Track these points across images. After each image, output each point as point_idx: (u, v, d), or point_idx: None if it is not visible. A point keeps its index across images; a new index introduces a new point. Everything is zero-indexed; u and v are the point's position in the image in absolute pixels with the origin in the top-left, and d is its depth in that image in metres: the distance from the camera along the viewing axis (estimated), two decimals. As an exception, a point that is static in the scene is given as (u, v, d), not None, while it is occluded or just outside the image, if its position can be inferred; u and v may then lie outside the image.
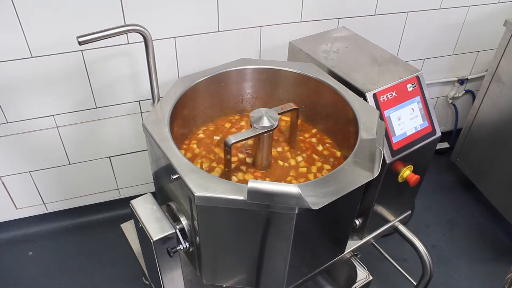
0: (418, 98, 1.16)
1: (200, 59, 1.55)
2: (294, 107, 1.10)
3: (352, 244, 1.27)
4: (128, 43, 1.43)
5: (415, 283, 1.47)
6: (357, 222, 1.26)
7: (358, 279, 1.32)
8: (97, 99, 1.53)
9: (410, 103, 1.15)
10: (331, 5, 1.60)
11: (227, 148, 0.97)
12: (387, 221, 1.33)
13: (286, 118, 1.26)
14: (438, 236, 1.95)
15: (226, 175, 1.04)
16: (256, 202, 0.83)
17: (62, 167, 1.68)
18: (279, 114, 1.05)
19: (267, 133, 1.03)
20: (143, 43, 1.00)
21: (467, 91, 2.16)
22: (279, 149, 1.18)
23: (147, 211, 0.99)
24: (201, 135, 1.21)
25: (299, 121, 1.27)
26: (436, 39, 1.89)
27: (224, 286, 1.10)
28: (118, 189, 1.85)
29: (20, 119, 1.49)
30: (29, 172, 1.65)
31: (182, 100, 1.08)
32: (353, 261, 1.34)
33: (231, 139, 0.97)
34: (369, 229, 1.28)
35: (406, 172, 1.16)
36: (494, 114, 1.84)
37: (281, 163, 1.13)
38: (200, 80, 1.13)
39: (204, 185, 0.85)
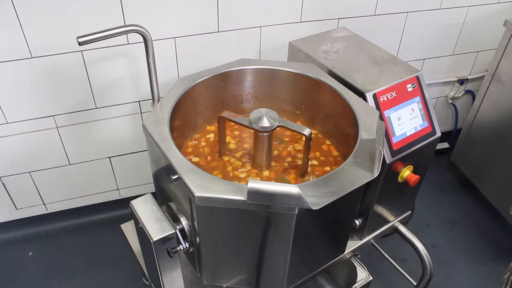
0: (418, 98, 1.16)
1: (200, 59, 1.55)
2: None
3: (352, 244, 1.27)
4: (128, 44, 1.43)
5: (415, 283, 1.47)
6: (357, 222, 1.26)
7: (358, 279, 1.32)
8: (97, 99, 1.53)
9: (410, 103, 1.15)
10: (331, 5, 1.60)
11: (311, 136, 1.00)
12: (387, 221, 1.33)
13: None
14: (438, 236, 1.95)
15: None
16: (256, 203, 0.83)
17: (62, 167, 1.68)
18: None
19: (267, 134, 1.03)
20: (143, 43, 1.00)
21: (467, 91, 2.16)
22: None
23: (147, 212, 0.99)
24: (201, 135, 1.21)
25: (298, 122, 1.28)
26: (436, 39, 1.89)
27: (224, 286, 1.10)
28: (118, 189, 1.85)
29: (20, 119, 1.49)
30: (29, 172, 1.65)
31: (182, 100, 1.08)
32: (353, 261, 1.34)
33: (308, 130, 0.99)
34: (369, 229, 1.28)
35: (406, 172, 1.16)
36: (494, 114, 1.84)
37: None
38: (200, 80, 1.13)
39: (204, 185, 0.85)
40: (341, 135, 1.17)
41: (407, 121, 1.14)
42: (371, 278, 1.32)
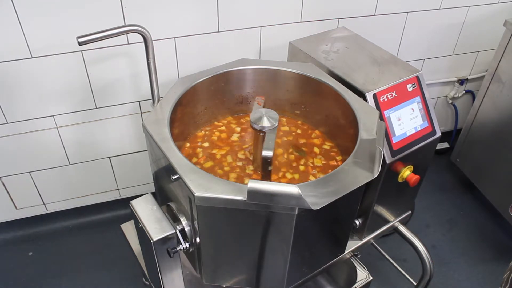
0: (418, 98, 1.16)
1: (200, 59, 1.55)
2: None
3: (352, 244, 1.27)
4: (128, 44, 1.43)
5: (415, 283, 1.47)
6: (357, 222, 1.26)
7: (358, 279, 1.32)
8: (97, 99, 1.53)
9: (410, 103, 1.15)
10: (331, 5, 1.60)
11: (269, 160, 0.95)
12: (387, 221, 1.33)
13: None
14: (438, 236, 1.95)
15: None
16: (256, 203, 0.83)
17: (62, 167, 1.68)
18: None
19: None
20: (143, 43, 1.00)
21: (467, 91, 2.16)
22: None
23: (147, 212, 0.99)
24: (201, 135, 1.21)
25: (299, 122, 1.28)
26: (436, 39, 1.89)
27: (224, 286, 1.10)
28: (118, 189, 1.85)
29: (20, 119, 1.49)
30: (29, 172, 1.65)
31: (182, 100, 1.08)
32: (353, 261, 1.34)
33: (269, 153, 0.95)
34: (369, 229, 1.28)
35: (406, 172, 1.16)
36: (494, 114, 1.84)
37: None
38: (200, 80, 1.13)
39: (204, 185, 0.85)
40: (341, 135, 1.17)
41: (407, 121, 1.14)
42: (371, 278, 1.32)
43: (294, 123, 1.27)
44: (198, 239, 0.96)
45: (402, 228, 1.36)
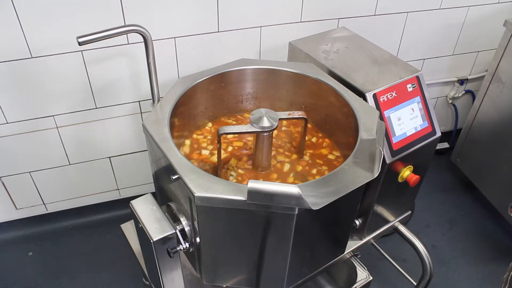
0: (418, 98, 1.16)
1: (200, 59, 1.55)
2: (301, 116, 1.06)
3: (352, 244, 1.27)
4: (128, 43, 1.43)
5: (415, 283, 1.47)
6: (357, 222, 1.26)
7: (358, 279, 1.32)
8: (97, 99, 1.53)
9: (410, 103, 1.15)
10: (331, 5, 1.60)
11: (218, 138, 1.00)
12: (387, 221, 1.33)
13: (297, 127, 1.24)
14: (438, 236, 1.95)
15: (218, 165, 1.06)
16: (256, 203, 0.83)
17: (62, 167, 1.68)
18: (284, 119, 1.05)
19: (267, 134, 1.03)
20: (143, 43, 1.00)
21: (467, 91, 2.16)
22: (287, 159, 1.16)
23: (147, 212, 0.99)
24: (201, 135, 1.21)
25: (309, 125, 1.27)
26: (436, 39, 1.89)
27: (224, 286, 1.10)
28: (118, 189, 1.85)
29: (20, 119, 1.49)
30: (29, 172, 1.65)
31: (182, 100, 1.08)
32: (353, 261, 1.34)
33: (223, 129, 1.00)
34: (369, 229, 1.28)
35: (406, 172, 1.16)
36: (494, 114, 1.84)
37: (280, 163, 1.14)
38: (200, 80, 1.13)
39: (204, 185, 0.85)
40: (341, 135, 1.17)
41: (407, 121, 1.14)
42: (371, 278, 1.32)
43: (308, 129, 1.26)
44: (198, 239, 0.96)
45: (402, 228, 1.36)
